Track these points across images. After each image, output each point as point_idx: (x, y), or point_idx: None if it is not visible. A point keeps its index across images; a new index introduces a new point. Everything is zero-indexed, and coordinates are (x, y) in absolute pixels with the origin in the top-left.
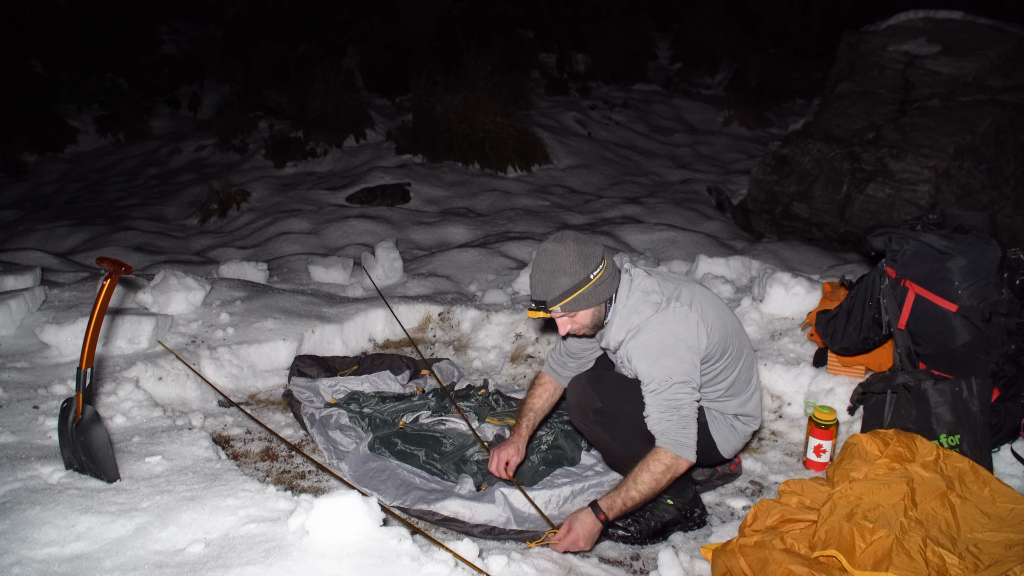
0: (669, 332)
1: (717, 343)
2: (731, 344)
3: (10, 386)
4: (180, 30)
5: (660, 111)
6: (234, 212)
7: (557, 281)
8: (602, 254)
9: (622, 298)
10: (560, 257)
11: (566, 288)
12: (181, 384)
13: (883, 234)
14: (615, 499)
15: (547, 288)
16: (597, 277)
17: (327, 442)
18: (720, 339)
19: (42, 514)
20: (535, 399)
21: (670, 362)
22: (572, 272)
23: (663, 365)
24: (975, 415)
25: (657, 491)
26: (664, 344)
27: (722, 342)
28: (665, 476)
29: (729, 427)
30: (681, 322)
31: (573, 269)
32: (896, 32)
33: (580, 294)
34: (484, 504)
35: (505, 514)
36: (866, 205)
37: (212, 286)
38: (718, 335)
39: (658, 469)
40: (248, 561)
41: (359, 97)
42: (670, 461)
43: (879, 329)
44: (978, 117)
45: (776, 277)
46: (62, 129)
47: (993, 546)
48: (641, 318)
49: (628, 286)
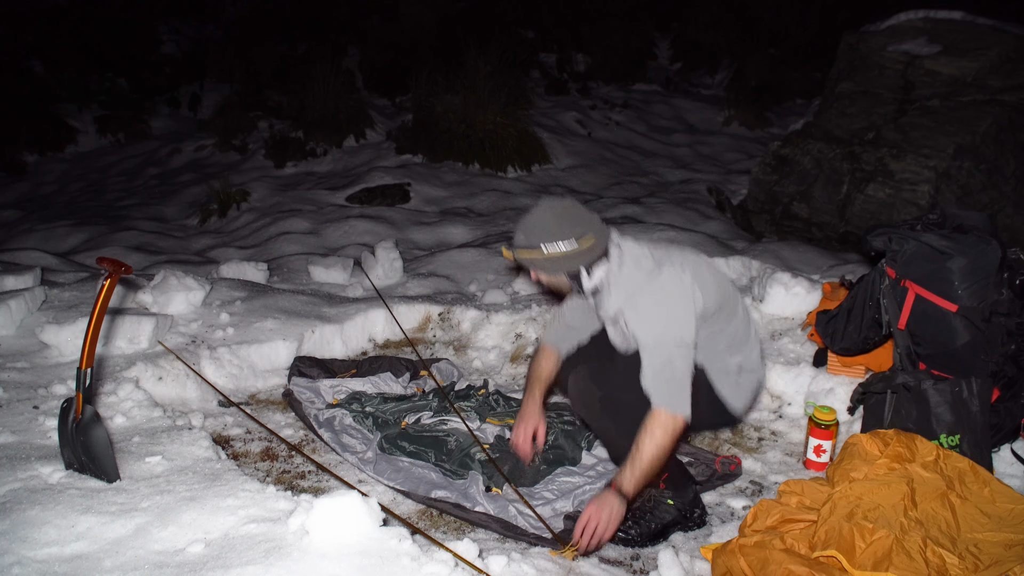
0: (664, 294)
1: (713, 300)
2: (727, 301)
3: (10, 386)
4: (180, 30)
5: (660, 111)
6: (234, 212)
7: (526, 233)
8: (579, 235)
9: (614, 270)
10: (537, 216)
11: (523, 244)
12: (181, 384)
13: (883, 234)
14: (626, 475)
15: (519, 234)
16: (553, 253)
17: (337, 442)
18: (715, 296)
19: (42, 514)
20: (542, 368)
21: (666, 323)
22: (531, 234)
23: (659, 326)
24: (975, 415)
25: (663, 456)
26: (659, 307)
27: (717, 299)
28: (666, 437)
29: (734, 384)
30: (675, 284)
31: (534, 232)
32: (896, 32)
33: (533, 258)
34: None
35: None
36: (866, 205)
37: (212, 286)
38: (713, 293)
39: (658, 432)
40: (248, 561)
41: (359, 97)
42: (667, 420)
43: (879, 329)
44: (978, 117)
45: (776, 277)
46: (62, 129)
47: (993, 546)
48: (635, 285)
49: (619, 258)
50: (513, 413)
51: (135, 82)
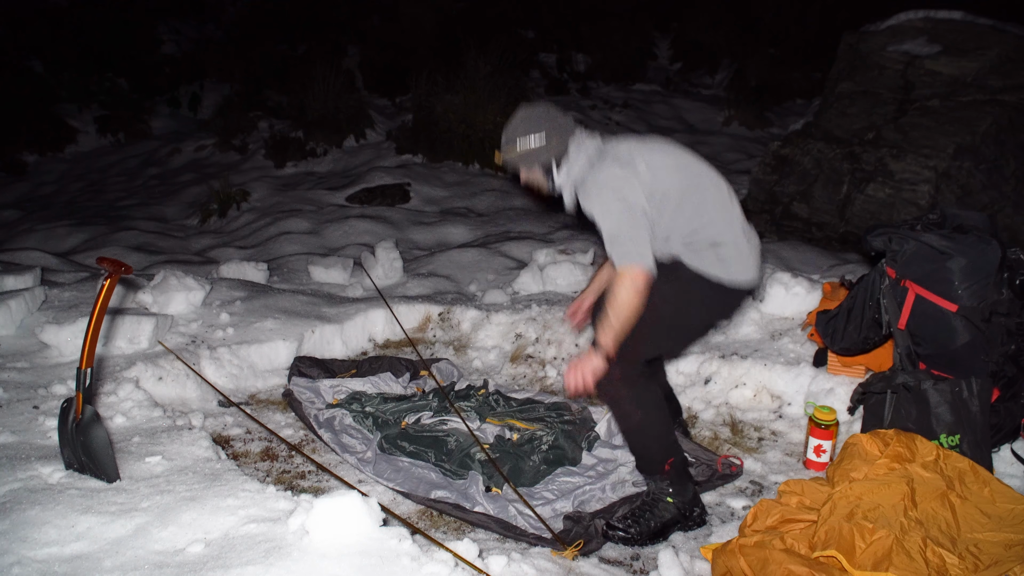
0: (606, 177)
1: (672, 182)
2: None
3: (10, 386)
4: (180, 30)
5: (660, 111)
6: (234, 212)
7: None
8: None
9: (572, 163)
10: (518, 118)
11: (505, 143)
12: (181, 384)
13: (883, 234)
14: (601, 333)
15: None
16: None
17: (337, 442)
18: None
19: (42, 514)
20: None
21: (609, 202)
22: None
23: (605, 205)
24: (975, 415)
25: (632, 309)
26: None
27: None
28: (629, 291)
29: (715, 258)
30: (614, 167)
31: (515, 131)
32: (896, 32)
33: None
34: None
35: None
36: (866, 205)
37: (212, 286)
38: (672, 173)
39: (620, 289)
40: (248, 561)
41: (359, 97)
42: (626, 275)
43: (879, 329)
44: (978, 117)
45: (776, 277)
46: (62, 129)
47: (993, 546)
48: (582, 173)
49: (576, 153)
50: (512, 413)
51: (135, 82)
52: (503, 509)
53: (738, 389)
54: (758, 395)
